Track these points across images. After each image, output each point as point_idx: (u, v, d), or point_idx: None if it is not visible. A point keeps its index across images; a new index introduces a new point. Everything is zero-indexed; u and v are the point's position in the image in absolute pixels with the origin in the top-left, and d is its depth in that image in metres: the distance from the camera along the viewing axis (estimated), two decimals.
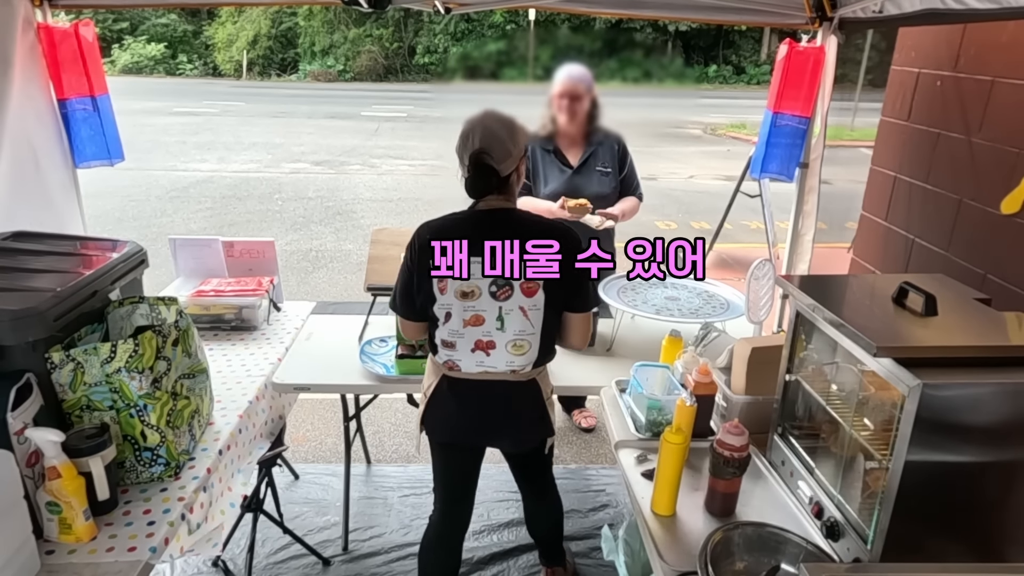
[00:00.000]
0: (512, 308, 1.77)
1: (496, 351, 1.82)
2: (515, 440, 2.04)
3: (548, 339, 1.85)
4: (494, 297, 1.76)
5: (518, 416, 1.95)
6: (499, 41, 16.36)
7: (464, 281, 1.75)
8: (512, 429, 1.98)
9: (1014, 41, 2.24)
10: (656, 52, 15.64)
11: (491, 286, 1.75)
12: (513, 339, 1.80)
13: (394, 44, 21.60)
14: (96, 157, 2.77)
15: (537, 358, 1.85)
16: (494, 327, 1.79)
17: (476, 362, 1.83)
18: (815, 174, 2.99)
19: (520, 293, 1.76)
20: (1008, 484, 1.30)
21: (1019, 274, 2.19)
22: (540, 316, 1.79)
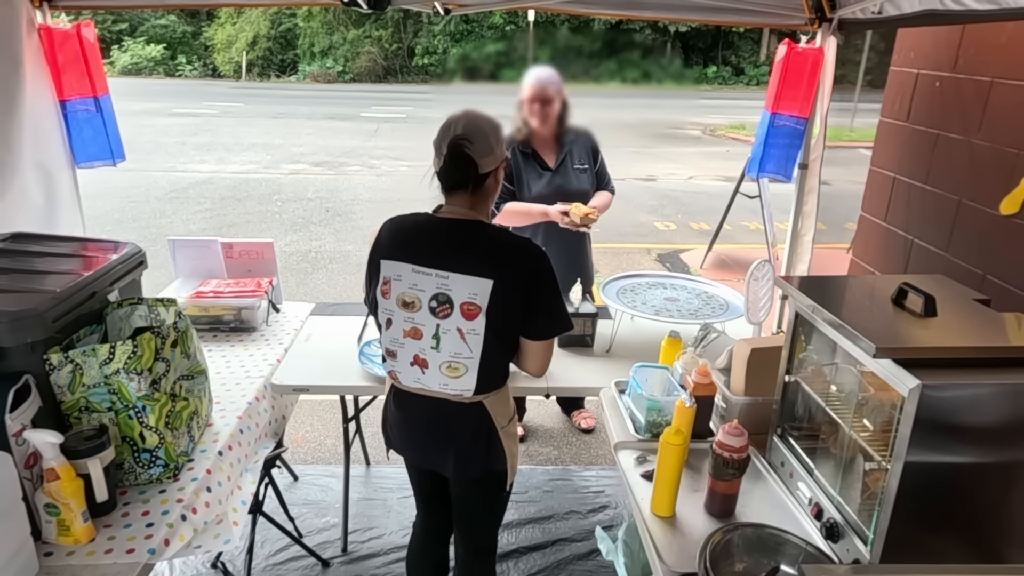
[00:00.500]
0: (450, 328, 1.63)
1: (430, 370, 1.69)
2: (456, 465, 1.79)
3: (491, 366, 1.68)
4: (433, 313, 1.63)
5: (457, 439, 1.77)
6: (498, 42, 16.37)
7: (408, 290, 1.65)
8: (451, 452, 1.78)
9: (1013, 42, 2.25)
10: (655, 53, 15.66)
11: (431, 300, 1.63)
12: (448, 360, 1.66)
13: (393, 45, 21.61)
14: (99, 157, 2.77)
15: (477, 385, 1.68)
16: (429, 345, 1.66)
17: (414, 377, 1.72)
18: (814, 175, 2.99)
19: (459, 314, 1.62)
20: (1008, 485, 1.30)
21: (1018, 275, 2.19)
22: (479, 341, 1.63)
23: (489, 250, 1.64)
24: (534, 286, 1.64)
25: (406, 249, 1.67)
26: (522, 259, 1.64)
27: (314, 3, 2.84)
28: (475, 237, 1.65)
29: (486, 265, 1.60)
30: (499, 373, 1.75)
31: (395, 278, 1.66)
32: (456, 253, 1.63)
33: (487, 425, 1.75)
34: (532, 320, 1.68)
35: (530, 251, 1.65)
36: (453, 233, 1.66)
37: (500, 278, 1.59)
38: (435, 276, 1.62)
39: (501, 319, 1.62)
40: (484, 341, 1.63)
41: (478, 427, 1.75)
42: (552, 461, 3.33)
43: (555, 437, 3.52)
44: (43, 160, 2.56)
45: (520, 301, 1.63)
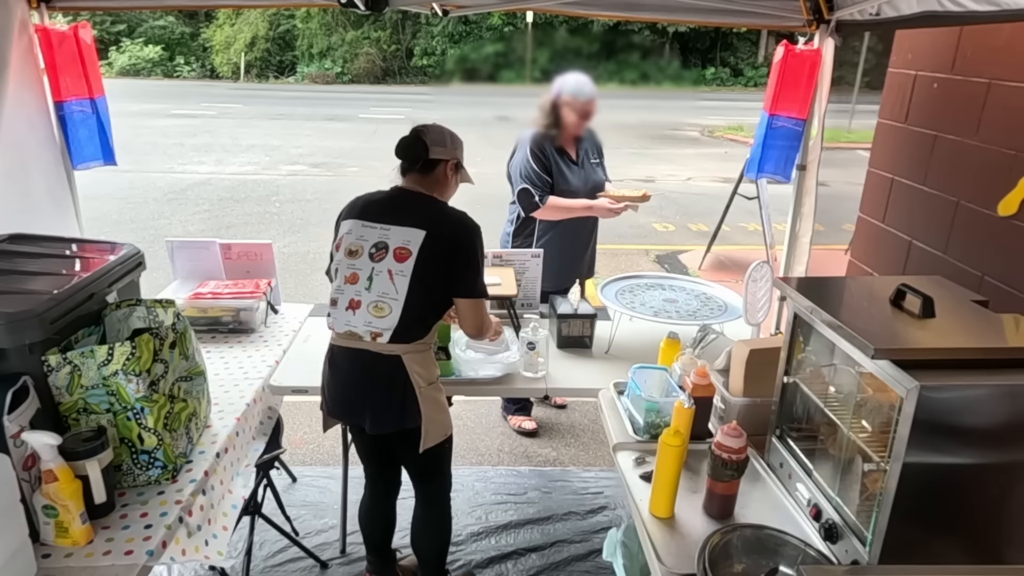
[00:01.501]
0: (382, 270, 1.85)
1: (360, 311, 1.88)
2: (374, 420, 1.95)
3: (412, 311, 1.86)
4: (371, 258, 1.87)
5: (374, 393, 1.93)
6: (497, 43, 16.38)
7: (354, 241, 1.91)
8: (369, 405, 1.94)
9: (1011, 43, 2.25)
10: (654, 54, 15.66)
11: (371, 248, 1.88)
12: (375, 300, 1.86)
13: (392, 46, 21.60)
14: (95, 158, 2.76)
15: (398, 326, 1.85)
16: (363, 286, 1.88)
17: (344, 321, 1.90)
18: (813, 176, 2.99)
19: (392, 257, 1.85)
20: (1006, 485, 1.30)
21: (1016, 276, 2.19)
22: (405, 283, 1.84)
23: (429, 213, 1.90)
24: (460, 247, 1.89)
25: (360, 210, 1.95)
26: (455, 224, 1.91)
27: (312, 4, 2.84)
28: (419, 203, 1.93)
29: (423, 221, 1.86)
30: (420, 326, 1.91)
31: (347, 233, 1.93)
32: (399, 212, 1.90)
33: (403, 380, 1.90)
34: (457, 279, 1.90)
35: (464, 222, 1.92)
36: (400, 198, 1.95)
37: (431, 232, 1.85)
38: (379, 228, 1.89)
39: (426, 267, 1.84)
40: (409, 284, 1.84)
41: (393, 381, 1.90)
42: (551, 462, 3.33)
43: (553, 438, 3.52)
44: (36, 162, 2.56)
45: (445, 256, 1.86)
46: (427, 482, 2.16)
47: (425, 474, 2.14)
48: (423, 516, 2.22)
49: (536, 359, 2.29)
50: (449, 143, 1.98)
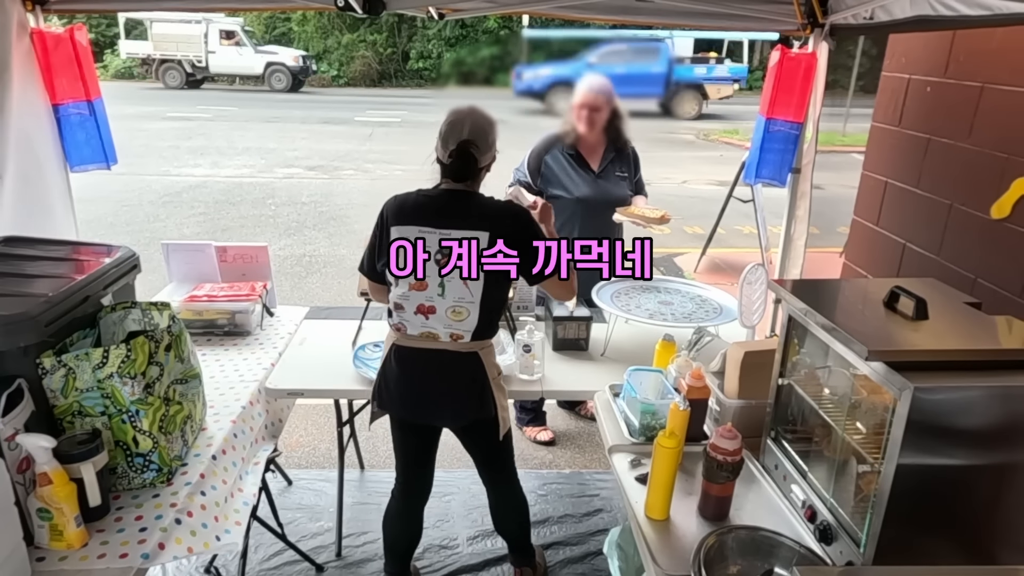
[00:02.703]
0: (453, 276, 1.87)
1: (436, 315, 1.91)
2: (453, 414, 2.04)
3: (488, 310, 1.91)
4: (438, 265, 1.88)
5: (455, 388, 1.99)
6: (493, 46, 16.41)
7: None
8: (449, 401, 2.00)
9: (1003, 47, 2.27)
10: None
11: (437, 254, 1.87)
12: (452, 305, 1.89)
13: (388, 49, 21.59)
14: (92, 161, 2.75)
15: (477, 327, 1.91)
16: (436, 292, 1.89)
17: (420, 323, 1.93)
18: (807, 179, 3.00)
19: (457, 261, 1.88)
20: (999, 487, 1.31)
21: (1009, 278, 2.20)
22: (479, 286, 1.87)
23: (482, 210, 1.91)
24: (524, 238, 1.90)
25: (413, 215, 1.92)
26: (511, 214, 1.93)
27: (308, 7, 2.83)
28: (469, 202, 1.93)
29: (483, 220, 1.87)
30: (493, 321, 1.98)
31: (401, 239, 1.90)
32: (455, 214, 1.89)
33: (481, 375, 1.97)
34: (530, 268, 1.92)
35: (515, 211, 1.96)
36: (451, 200, 1.93)
37: (493, 228, 1.86)
38: (438, 233, 1.87)
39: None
40: (484, 286, 1.88)
41: (473, 377, 1.97)
42: (547, 465, 3.33)
43: (550, 441, 3.52)
44: (35, 164, 2.55)
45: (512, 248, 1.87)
46: (501, 468, 2.25)
47: (499, 460, 2.23)
48: (502, 502, 2.32)
49: (532, 361, 2.29)
50: (493, 142, 1.96)
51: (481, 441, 2.15)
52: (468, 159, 1.89)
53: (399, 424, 2.13)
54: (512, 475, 2.29)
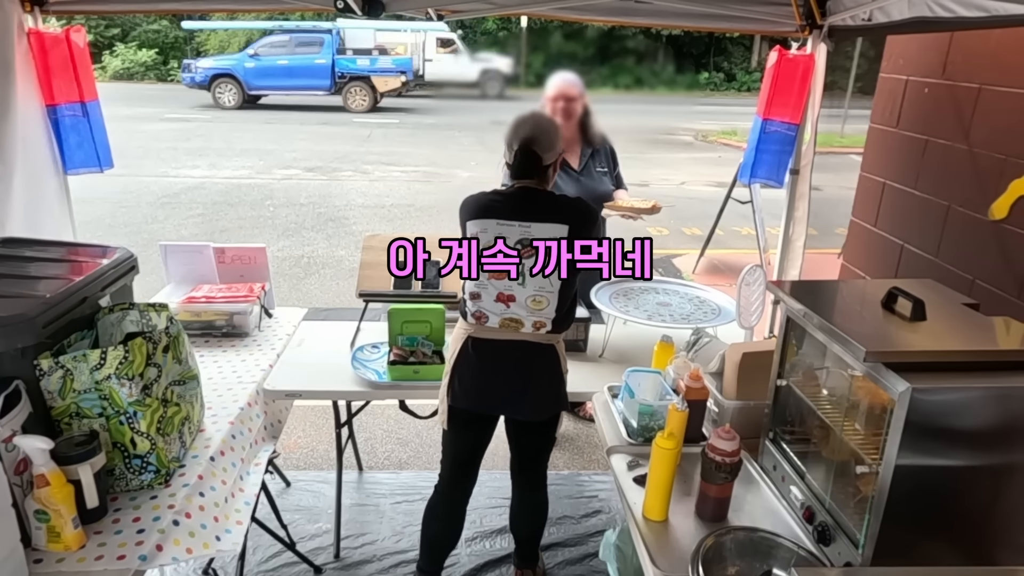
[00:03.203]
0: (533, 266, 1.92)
1: (516, 303, 1.94)
2: (532, 406, 2.06)
3: (566, 299, 1.96)
4: (521, 256, 1.92)
5: (537, 381, 2.03)
6: (491, 48, 16.40)
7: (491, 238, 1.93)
8: (530, 393, 2.03)
9: (1001, 48, 2.27)
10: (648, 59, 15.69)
11: (517, 243, 1.92)
12: (533, 294, 1.93)
13: None
14: (85, 164, 2.74)
15: (556, 316, 1.96)
16: (517, 282, 1.93)
17: (500, 311, 1.96)
18: (806, 180, 3.01)
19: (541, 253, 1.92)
20: (997, 487, 1.31)
21: (1007, 279, 2.21)
22: (557, 276, 1.92)
23: (559, 205, 1.97)
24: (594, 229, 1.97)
25: (488, 209, 1.96)
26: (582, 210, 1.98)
27: (307, 8, 2.84)
28: (546, 197, 1.99)
29: (561, 214, 1.92)
30: (570, 312, 2.03)
31: (481, 231, 1.94)
32: (534, 207, 1.94)
33: (558, 369, 2.04)
34: None
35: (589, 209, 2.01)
36: (528, 196, 1.97)
37: (572, 223, 1.91)
38: (518, 226, 1.92)
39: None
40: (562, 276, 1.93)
41: (552, 370, 2.03)
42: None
43: None
44: (33, 165, 2.55)
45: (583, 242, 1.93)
46: (538, 466, 2.28)
47: (542, 459, 2.27)
48: (529, 502, 2.34)
49: None
50: (555, 141, 1.99)
51: (538, 439, 2.20)
52: (531, 156, 1.93)
53: (465, 420, 2.11)
54: (545, 476, 2.33)
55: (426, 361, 2.31)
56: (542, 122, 1.99)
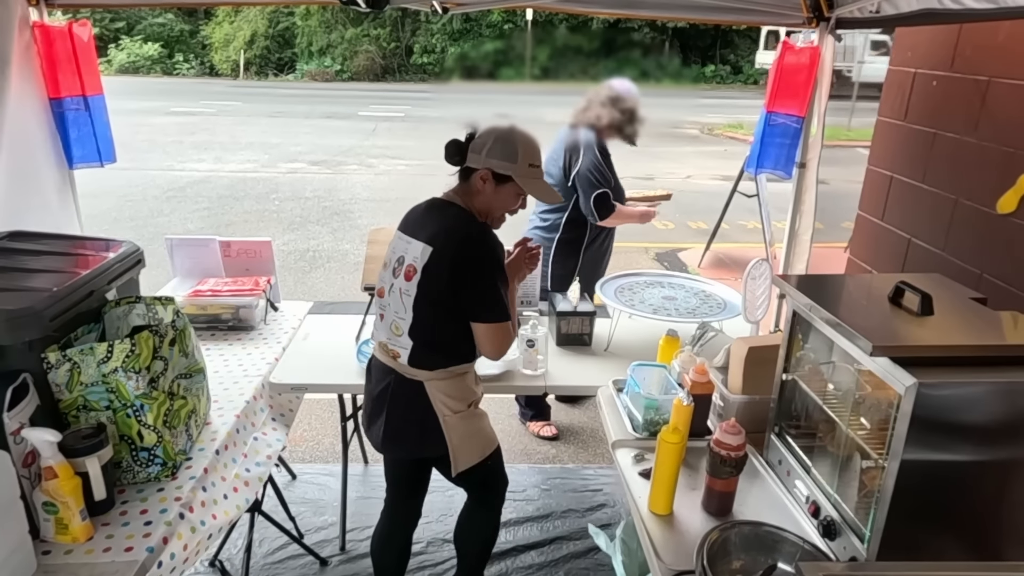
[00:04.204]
0: (396, 287, 1.81)
1: (383, 323, 1.86)
2: (381, 439, 1.89)
3: (425, 334, 1.78)
4: (393, 272, 1.83)
5: (393, 413, 1.86)
6: (497, 41, 16.32)
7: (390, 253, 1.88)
8: (385, 425, 1.87)
9: (1010, 41, 2.25)
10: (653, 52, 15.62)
11: (395, 260, 1.83)
12: (393, 319, 1.82)
13: (391, 44, 21.56)
14: (85, 159, 2.73)
15: (413, 349, 1.78)
16: (388, 301, 1.85)
17: (380, 331, 1.88)
18: (812, 174, 2.99)
19: (404, 275, 1.79)
20: (1004, 483, 1.31)
21: (1015, 273, 2.19)
22: (410, 302, 1.76)
23: (441, 223, 1.79)
24: (462, 263, 1.73)
25: (404, 219, 1.89)
26: (461, 238, 1.75)
27: (312, 1, 2.83)
28: (440, 212, 1.83)
29: (432, 234, 1.76)
30: (439, 352, 1.81)
31: (392, 244, 1.88)
32: (423, 223, 1.81)
33: (423, 407, 1.82)
34: (464, 299, 1.76)
35: (471, 234, 1.77)
36: (430, 208, 1.86)
37: (436, 246, 1.73)
38: (405, 241, 1.82)
39: (429, 287, 1.74)
40: (415, 304, 1.75)
41: (411, 405, 1.82)
42: (550, 460, 3.33)
43: (553, 437, 3.52)
44: (31, 159, 2.55)
45: (445, 274, 1.72)
46: (475, 493, 2.11)
47: (471, 487, 2.08)
48: (471, 515, 2.15)
49: (535, 356, 2.29)
50: (486, 149, 1.77)
51: (441, 471, 1.98)
52: (454, 144, 1.81)
53: None
54: (488, 498, 2.10)
55: None
56: (501, 127, 1.81)
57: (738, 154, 7.89)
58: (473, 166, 1.80)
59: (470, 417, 1.89)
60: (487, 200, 1.84)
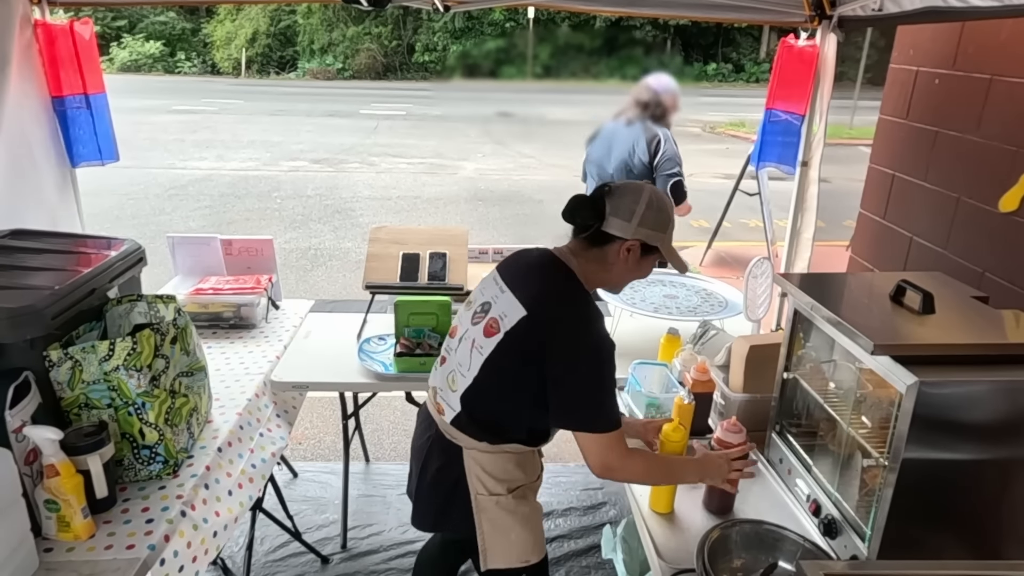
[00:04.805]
0: (471, 336, 1.53)
1: (440, 369, 1.62)
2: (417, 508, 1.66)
3: (481, 399, 1.49)
4: (472, 317, 1.56)
5: (423, 475, 1.62)
6: (498, 39, 16.32)
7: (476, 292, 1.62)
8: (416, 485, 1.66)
9: (1012, 39, 2.24)
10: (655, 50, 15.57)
11: (478, 305, 1.56)
12: (452, 369, 1.56)
13: (393, 42, 21.55)
14: (87, 157, 2.74)
15: (461, 412, 1.51)
16: (454, 346, 1.58)
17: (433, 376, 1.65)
18: (814, 172, 2.99)
19: (483, 326, 1.50)
20: (1005, 481, 1.31)
21: (1017, 272, 2.19)
22: (480, 362, 1.48)
23: (551, 291, 1.49)
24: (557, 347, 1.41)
25: (506, 262, 1.62)
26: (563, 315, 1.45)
27: (314, 0, 2.82)
28: (553, 274, 1.52)
29: (532, 298, 1.46)
30: (487, 420, 1.51)
31: (484, 282, 1.62)
32: (526, 276, 1.53)
33: (456, 477, 1.54)
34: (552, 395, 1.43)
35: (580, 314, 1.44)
36: (541, 262, 1.55)
37: (535, 313, 1.43)
38: (499, 287, 1.54)
39: (512, 356, 1.44)
40: (483, 364, 1.47)
41: (445, 471, 1.55)
42: (551, 458, 3.32)
43: None
44: (31, 158, 2.55)
45: (535, 354, 1.42)
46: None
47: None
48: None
49: None
50: (637, 217, 1.47)
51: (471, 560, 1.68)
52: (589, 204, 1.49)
53: None
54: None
55: (432, 353, 2.31)
56: (645, 189, 1.50)
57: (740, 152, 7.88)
58: (618, 234, 1.48)
59: (509, 505, 1.55)
60: (622, 272, 1.55)
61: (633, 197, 1.48)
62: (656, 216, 1.49)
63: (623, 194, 1.49)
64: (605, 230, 1.48)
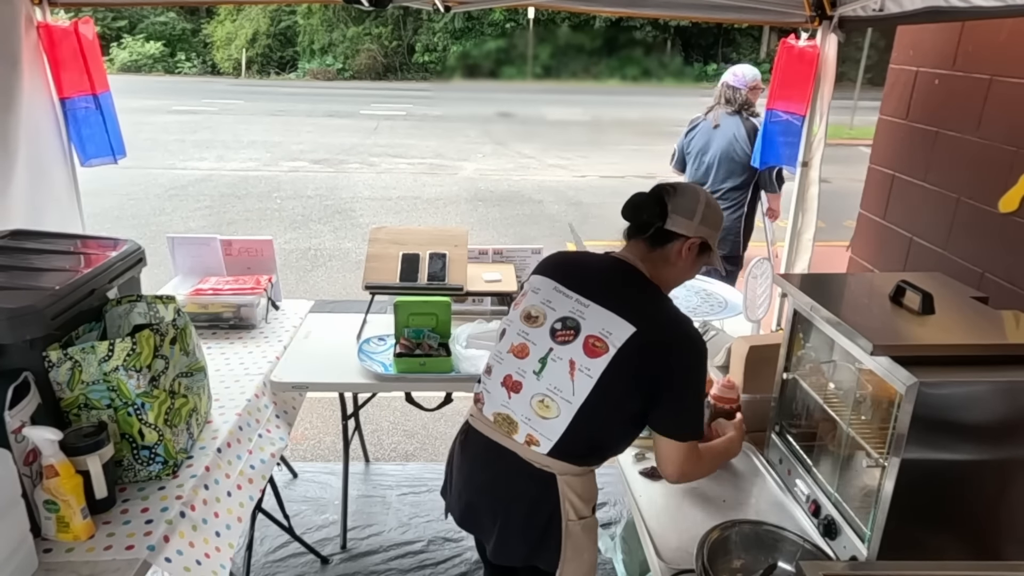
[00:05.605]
0: (562, 357, 1.42)
1: (519, 396, 1.46)
2: (496, 542, 1.53)
3: (587, 427, 1.41)
4: (552, 335, 1.45)
5: (511, 510, 1.50)
6: (499, 39, 16.35)
7: (538, 304, 1.50)
8: (499, 522, 1.51)
9: (1012, 39, 2.24)
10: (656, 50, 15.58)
11: (557, 322, 1.45)
12: (543, 393, 1.43)
13: (393, 42, 21.56)
14: (99, 155, 2.76)
15: (563, 437, 1.41)
16: (531, 368, 1.45)
17: (500, 402, 1.49)
18: (814, 172, 2.99)
19: (580, 346, 1.40)
20: (1005, 482, 1.30)
21: (1017, 272, 2.19)
22: (589, 385, 1.39)
23: (645, 304, 1.44)
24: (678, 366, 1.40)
25: (558, 269, 1.55)
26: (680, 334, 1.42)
27: (314, 0, 2.83)
28: (637, 284, 1.48)
29: (637, 311, 1.40)
30: (592, 445, 1.46)
31: (533, 291, 1.54)
32: (608, 287, 1.47)
33: (551, 508, 1.46)
34: (662, 406, 1.42)
35: (691, 334, 1.43)
36: (615, 270, 1.51)
37: (645, 333, 1.38)
38: (575, 300, 1.46)
39: (623, 376, 1.38)
40: (594, 387, 1.38)
41: (537, 504, 1.47)
42: None
43: None
44: (41, 158, 2.56)
45: (654, 371, 1.39)
46: None
47: None
48: None
49: None
50: (699, 215, 1.47)
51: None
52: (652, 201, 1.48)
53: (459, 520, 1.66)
54: None
55: (432, 353, 2.31)
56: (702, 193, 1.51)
57: None
58: (681, 232, 1.47)
59: (591, 525, 1.51)
60: (679, 272, 1.53)
61: (692, 196, 1.49)
62: (714, 215, 1.51)
63: (683, 193, 1.49)
64: (668, 228, 1.48)
